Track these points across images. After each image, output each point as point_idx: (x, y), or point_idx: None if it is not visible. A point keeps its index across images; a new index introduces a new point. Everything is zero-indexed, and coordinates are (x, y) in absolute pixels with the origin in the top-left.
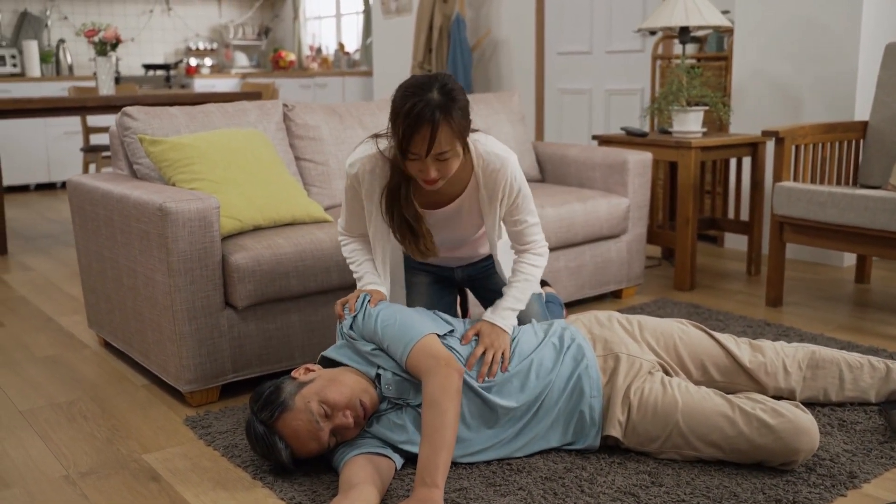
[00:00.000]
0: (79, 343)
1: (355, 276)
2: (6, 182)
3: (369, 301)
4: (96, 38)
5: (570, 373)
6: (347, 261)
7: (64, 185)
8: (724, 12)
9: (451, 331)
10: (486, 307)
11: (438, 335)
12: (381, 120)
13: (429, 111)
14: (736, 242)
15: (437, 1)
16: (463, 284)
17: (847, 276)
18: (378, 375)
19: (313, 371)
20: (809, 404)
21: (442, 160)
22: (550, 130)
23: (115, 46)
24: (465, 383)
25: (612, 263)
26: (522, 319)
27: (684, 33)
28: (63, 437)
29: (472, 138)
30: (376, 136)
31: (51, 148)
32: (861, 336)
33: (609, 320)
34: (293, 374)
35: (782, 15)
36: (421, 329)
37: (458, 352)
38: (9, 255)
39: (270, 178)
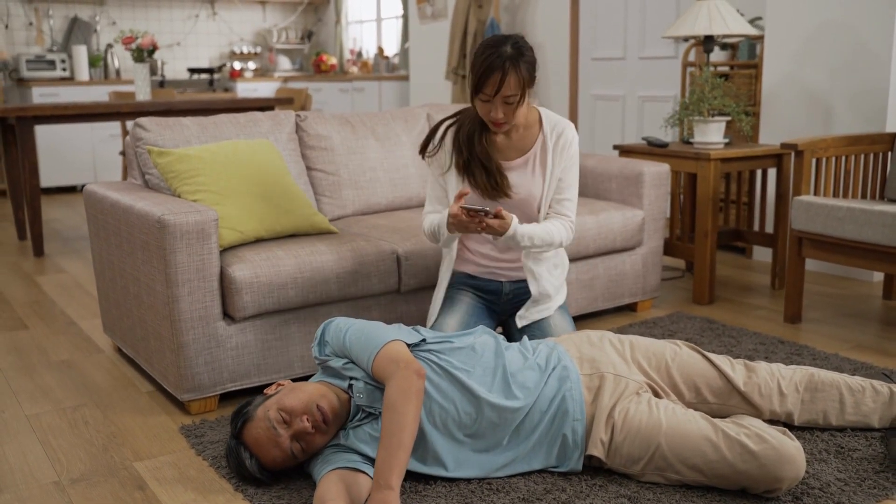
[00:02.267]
0: (94, 348)
1: (438, 221)
2: (53, 183)
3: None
4: (133, 46)
5: (554, 393)
6: (430, 228)
7: None
8: (757, 19)
9: (423, 340)
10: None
11: (408, 344)
12: (395, 130)
13: (500, 60)
14: (764, 254)
15: (472, 6)
16: (506, 308)
17: (875, 291)
18: (350, 386)
19: (282, 385)
20: (809, 428)
21: (508, 104)
22: (584, 136)
23: (151, 53)
24: (458, 379)
25: (626, 276)
26: (546, 331)
27: (709, 42)
28: (62, 442)
29: (541, 109)
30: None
31: (96, 150)
32: (878, 357)
33: (600, 340)
34: (265, 391)
35: (813, 22)
36: (385, 337)
37: (443, 339)
38: (45, 257)
39: (275, 190)
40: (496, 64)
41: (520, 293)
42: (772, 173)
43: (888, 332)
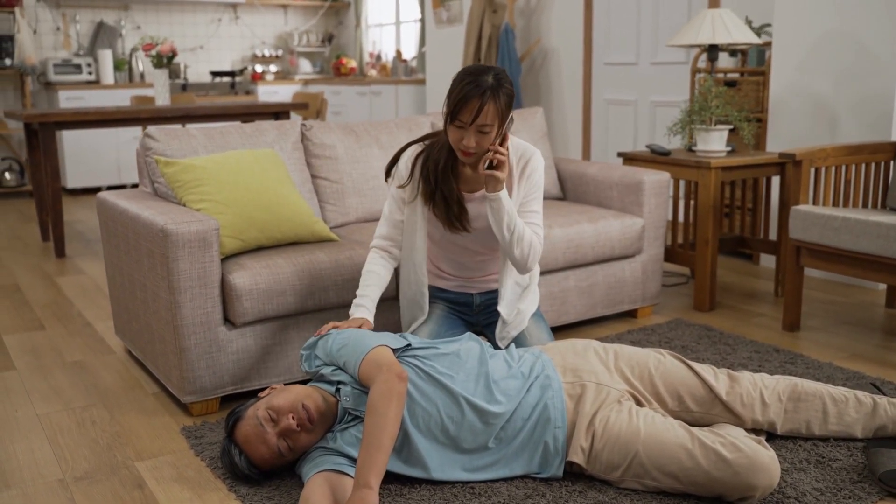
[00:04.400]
0: (106, 349)
1: (357, 294)
2: (78, 184)
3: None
4: (153, 52)
5: (536, 401)
6: (362, 276)
7: (134, 186)
8: (766, 25)
9: (408, 346)
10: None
11: (394, 349)
12: (398, 139)
13: (479, 89)
14: (771, 260)
15: (486, 11)
16: (480, 319)
17: (879, 299)
18: (338, 389)
19: (275, 389)
20: (792, 438)
21: (482, 132)
22: (596, 140)
23: (171, 59)
24: (441, 383)
25: (625, 283)
26: (521, 342)
27: (713, 50)
28: (69, 441)
29: (509, 134)
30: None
31: (121, 151)
32: (873, 366)
33: (585, 349)
34: (259, 394)
35: (820, 30)
36: (371, 343)
37: (429, 345)
38: (66, 258)
39: (277, 199)
40: (475, 92)
41: (491, 304)
42: (776, 181)
43: (887, 341)
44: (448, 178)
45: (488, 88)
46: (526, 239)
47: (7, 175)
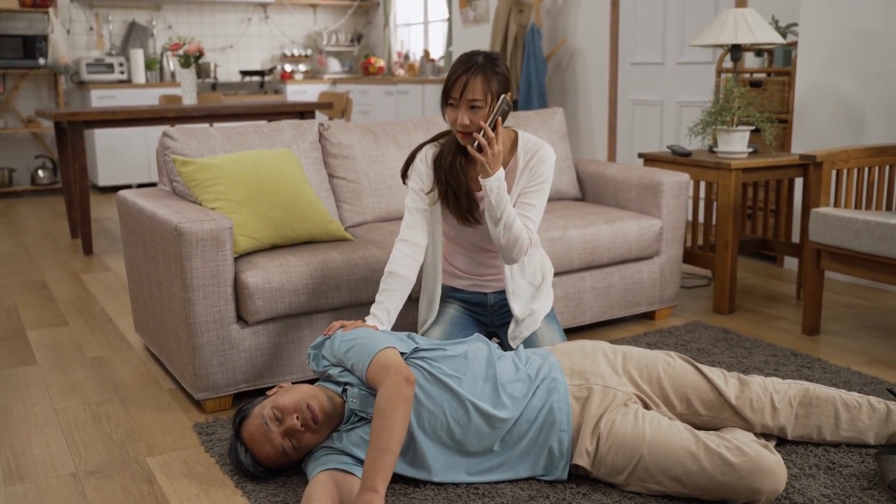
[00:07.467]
0: (126, 345)
1: (376, 298)
2: (109, 182)
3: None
4: (180, 52)
5: (542, 404)
6: (383, 279)
7: None
8: (793, 25)
9: (416, 349)
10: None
11: (401, 352)
12: (416, 138)
13: (467, 66)
14: (795, 263)
15: (512, 11)
16: (493, 319)
17: None
18: (345, 390)
19: (282, 387)
20: (804, 443)
21: (474, 107)
22: (622, 141)
23: (198, 59)
24: (447, 386)
25: (643, 285)
26: (533, 343)
27: (735, 50)
28: (84, 436)
29: (519, 131)
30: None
31: (150, 150)
32: (892, 372)
33: (594, 351)
34: (267, 392)
35: (845, 30)
36: (380, 345)
37: (437, 347)
38: (93, 255)
39: (292, 198)
40: (461, 69)
41: (504, 304)
42: (799, 182)
43: None
44: (456, 171)
45: (475, 65)
46: (514, 229)
47: (41, 173)
